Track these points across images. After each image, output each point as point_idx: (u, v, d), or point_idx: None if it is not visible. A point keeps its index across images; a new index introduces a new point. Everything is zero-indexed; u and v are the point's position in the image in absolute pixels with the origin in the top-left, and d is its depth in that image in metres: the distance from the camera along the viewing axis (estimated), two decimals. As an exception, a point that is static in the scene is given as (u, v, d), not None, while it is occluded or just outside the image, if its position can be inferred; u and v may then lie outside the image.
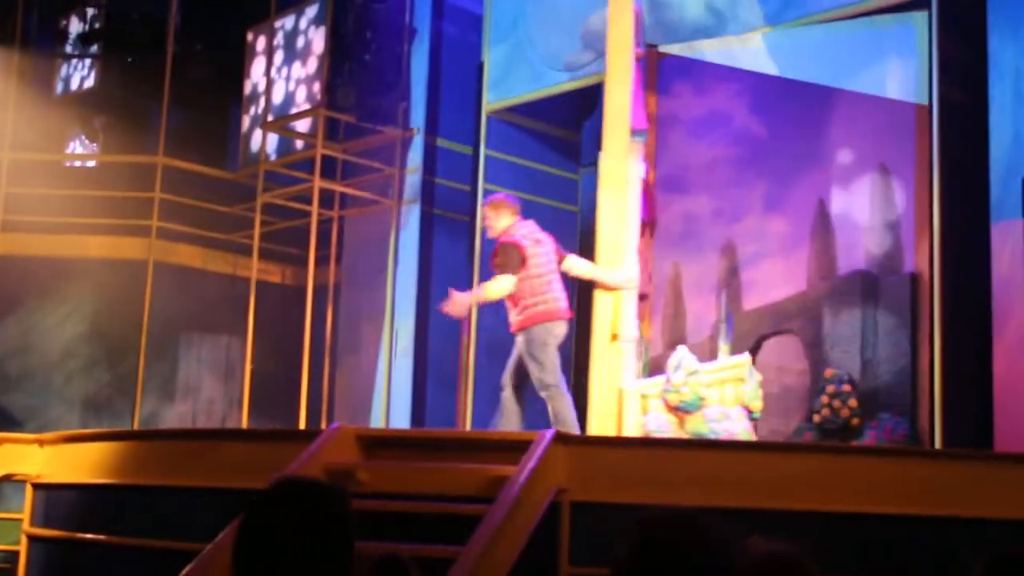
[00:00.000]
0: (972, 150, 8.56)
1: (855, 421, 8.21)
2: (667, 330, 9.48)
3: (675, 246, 9.58)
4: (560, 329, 7.34)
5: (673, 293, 9.52)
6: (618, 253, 7.53)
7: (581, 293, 8.26)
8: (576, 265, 7.51)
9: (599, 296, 7.58)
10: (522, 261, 7.30)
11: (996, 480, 6.04)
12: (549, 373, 7.23)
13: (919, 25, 8.49)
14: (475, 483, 5.98)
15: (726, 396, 7.79)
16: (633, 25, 7.63)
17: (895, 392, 8.18)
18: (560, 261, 7.47)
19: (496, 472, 5.91)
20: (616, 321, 7.56)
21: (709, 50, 9.69)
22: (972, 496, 5.90)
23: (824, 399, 8.35)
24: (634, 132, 7.65)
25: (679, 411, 7.62)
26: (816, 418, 8.38)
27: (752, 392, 7.74)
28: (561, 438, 6.13)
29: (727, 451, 6.49)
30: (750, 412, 7.71)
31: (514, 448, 6.04)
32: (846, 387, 8.30)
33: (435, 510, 5.90)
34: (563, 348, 7.46)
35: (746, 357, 7.99)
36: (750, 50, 9.40)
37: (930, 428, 8.02)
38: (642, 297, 8.04)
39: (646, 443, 7.01)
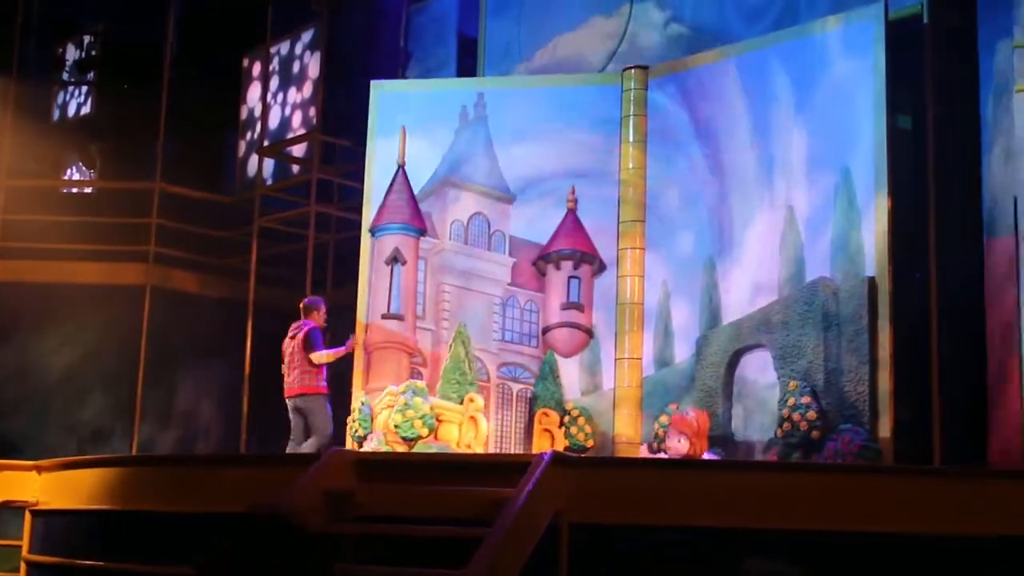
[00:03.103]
0: (963, 166, 8.60)
1: (815, 434, 8.24)
2: (657, 349, 9.52)
3: (665, 265, 9.62)
4: (290, 403, 9.72)
5: (662, 313, 9.56)
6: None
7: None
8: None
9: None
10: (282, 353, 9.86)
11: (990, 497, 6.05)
12: None
13: (876, 30, 8.54)
14: (474, 506, 5.98)
15: (384, 421, 9.30)
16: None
17: (856, 402, 8.21)
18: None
19: (495, 495, 5.91)
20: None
21: (689, 68, 9.76)
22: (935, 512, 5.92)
23: (785, 412, 8.41)
24: (390, 227, 9.91)
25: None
26: (779, 432, 8.43)
27: (396, 416, 9.09)
28: (559, 460, 6.15)
29: (723, 472, 6.51)
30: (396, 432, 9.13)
31: (512, 470, 6.05)
32: (805, 399, 8.33)
33: (434, 533, 5.90)
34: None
35: (399, 387, 9.33)
36: (725, 64, 9.47)
37: (894, 439, 8.04)
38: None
39: (644, 464, 7.04)
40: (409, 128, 10.16)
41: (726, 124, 9.44)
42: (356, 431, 9.46)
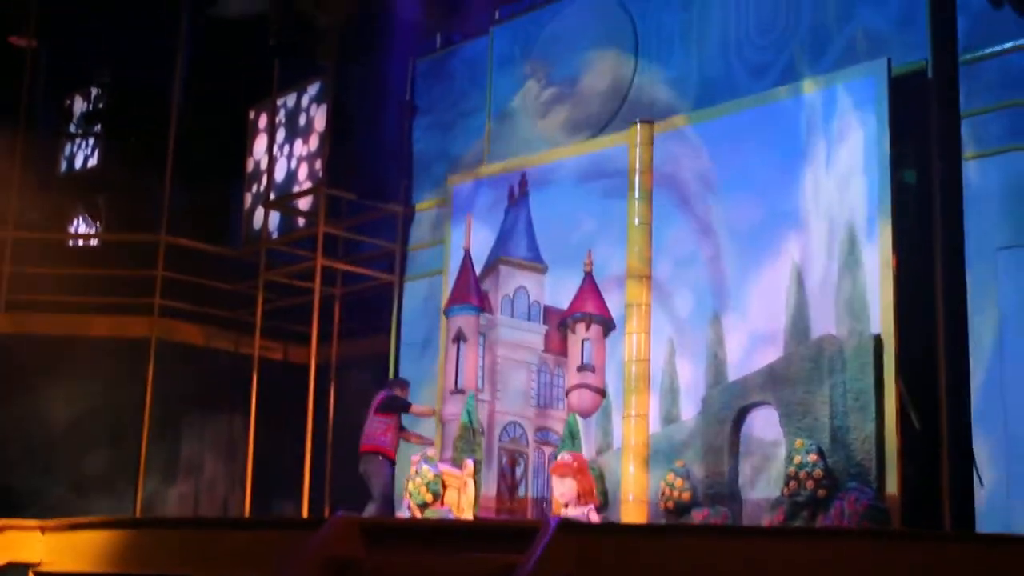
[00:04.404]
0: (950, 218, 8.63)
1: (821, 493, 8.20)
2: (663, 407, 9.50)
3: (670, 323, 9.62)
4: None
5: (669, 369, 9.55)
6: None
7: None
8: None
9: None
10: None
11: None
12: None
13: (880, 85, 8.58)
14: (482, 572, 5.96)
15: None
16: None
17: (863, 460, 8.18)
18: None
19: (503, 561, 5.88)
20: None
21: (692, 124, 9.79)
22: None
23: (791, 470, 8.35)
24: (455, 308, 10.91)
25: None
26: (785, 490, 8.37)
27: (410, 484, 9.42)
28: (567, 526, 6.11)
29: (728, 537, 6.46)
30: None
31: (521, 536, 6.02)
32: (812, 457, 8.29)
33: (441, 601, 5.87)
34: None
35: (417, 456, 9.67)
36: (730, 119, 9.51)
37: (901, 496, 8.02)
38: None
39: (653, 530, 6.99)
40: (475, 214, 11.16)
41: (731, 179, 9.46)
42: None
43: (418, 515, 9.48)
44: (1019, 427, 8.05)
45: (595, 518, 8.88)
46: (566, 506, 8.95)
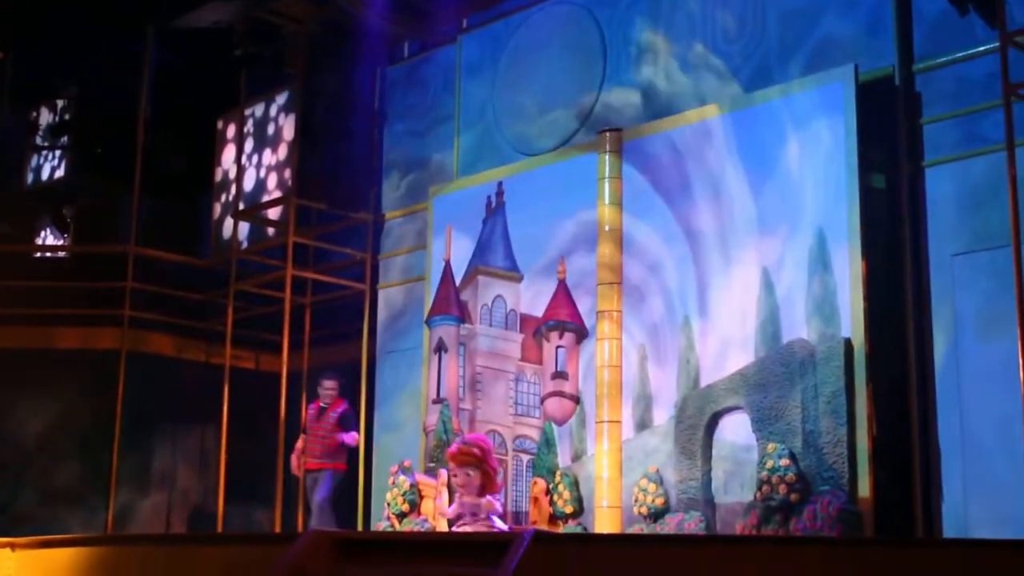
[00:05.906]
0: (914, 223, 8.69)
1: (794, 496, 8.24)
2: (636, 413, 9.52)
3: (642, 329, 9.64)
4: None
5: (641, 375, 9.57)
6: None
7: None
8: None
9: None
10: None
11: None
12: None
13: (847, 89, 8.64)
14: (456, 586, 5.93)
15: None
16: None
17: (835, 464, 8.22)
18: None
19: (476, 574, 5.86)
20: None
21: (661, 131, 9.81)
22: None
23: (764, 475, 8.39)
24: (436, 319, 11.00)
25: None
26: (758, 495, 8.41)
27: (387, 494, 9.97)
28: (540, 538, 6.10)
29: (705, 546, 6.46)
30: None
31: (494, 549, 6.00)
32: (784, 462, 8.33)
33: (415, 615, 5.85)
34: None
35: (394, 468, 10.23)
36: (698, 126, 9.54)
37: (873, 500, 8.06)
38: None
39: (630, 540, 7.00)
40: (454, 224, 11.18)
41: (700, 186, 9.48)
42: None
43: (396, 525, 9.50)
44: (974, 432, 8.14)
45: (498, 519, 8.20)
46: (461, 497, 8.11)
